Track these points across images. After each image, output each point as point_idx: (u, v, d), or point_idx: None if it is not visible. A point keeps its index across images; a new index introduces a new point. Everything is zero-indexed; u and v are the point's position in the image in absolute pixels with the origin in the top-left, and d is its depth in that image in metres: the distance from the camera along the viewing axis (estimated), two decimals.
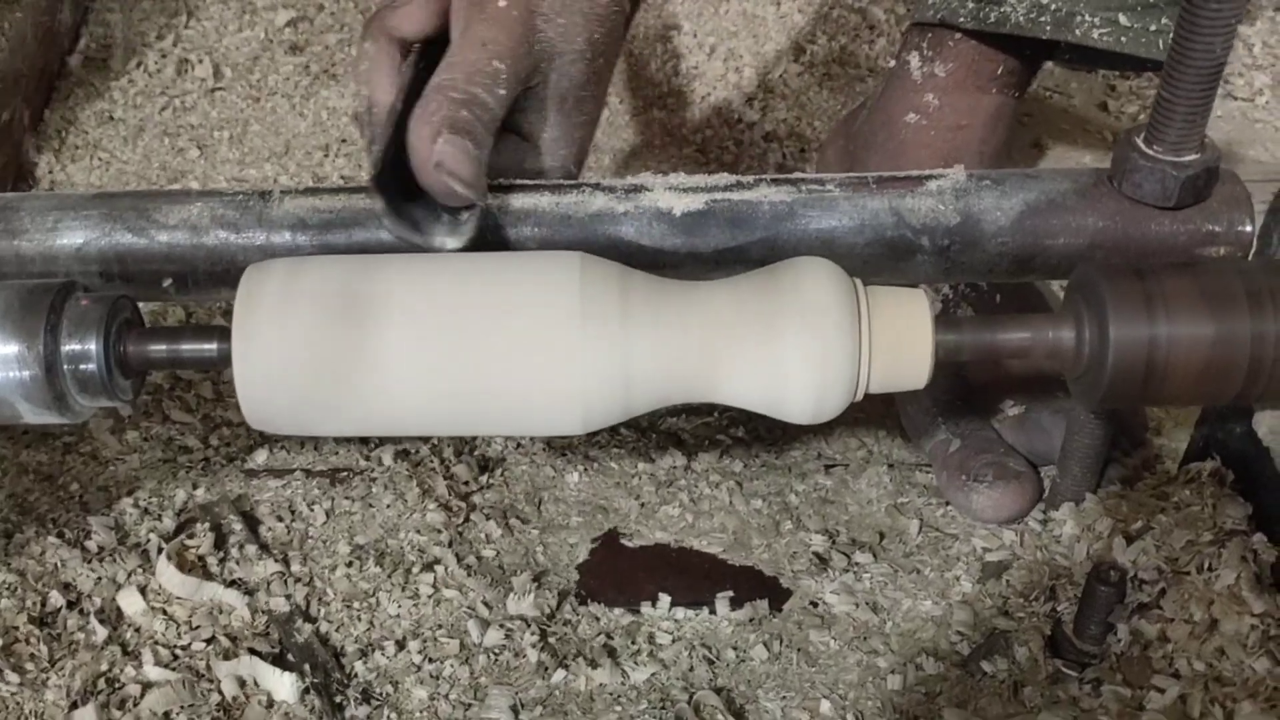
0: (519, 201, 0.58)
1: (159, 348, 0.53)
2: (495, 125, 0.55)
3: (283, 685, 0.61)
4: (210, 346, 0.53)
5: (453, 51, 0.55)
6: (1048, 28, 0.75)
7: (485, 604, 0.66)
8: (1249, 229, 0.56)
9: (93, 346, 0.52)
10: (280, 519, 0.71)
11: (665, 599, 0.67)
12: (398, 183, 0.54)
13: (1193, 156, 0.54)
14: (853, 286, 0.52)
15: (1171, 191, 0.54)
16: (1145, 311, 0.50)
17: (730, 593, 0.68)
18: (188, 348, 0.53)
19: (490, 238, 0.57)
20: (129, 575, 0.66)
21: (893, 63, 0.86)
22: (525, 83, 0.57)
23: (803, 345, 0.50)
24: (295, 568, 0.68)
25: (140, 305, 0.83)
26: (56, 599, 0.64)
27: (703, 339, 0.52)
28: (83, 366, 0.52)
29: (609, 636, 0.66)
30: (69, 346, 0.52)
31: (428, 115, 0.53)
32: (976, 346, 0.52)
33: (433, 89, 0.54)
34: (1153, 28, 0.73)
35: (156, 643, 0.63)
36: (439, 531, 0.70)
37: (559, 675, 0.63)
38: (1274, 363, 0.50)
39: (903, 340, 0.51)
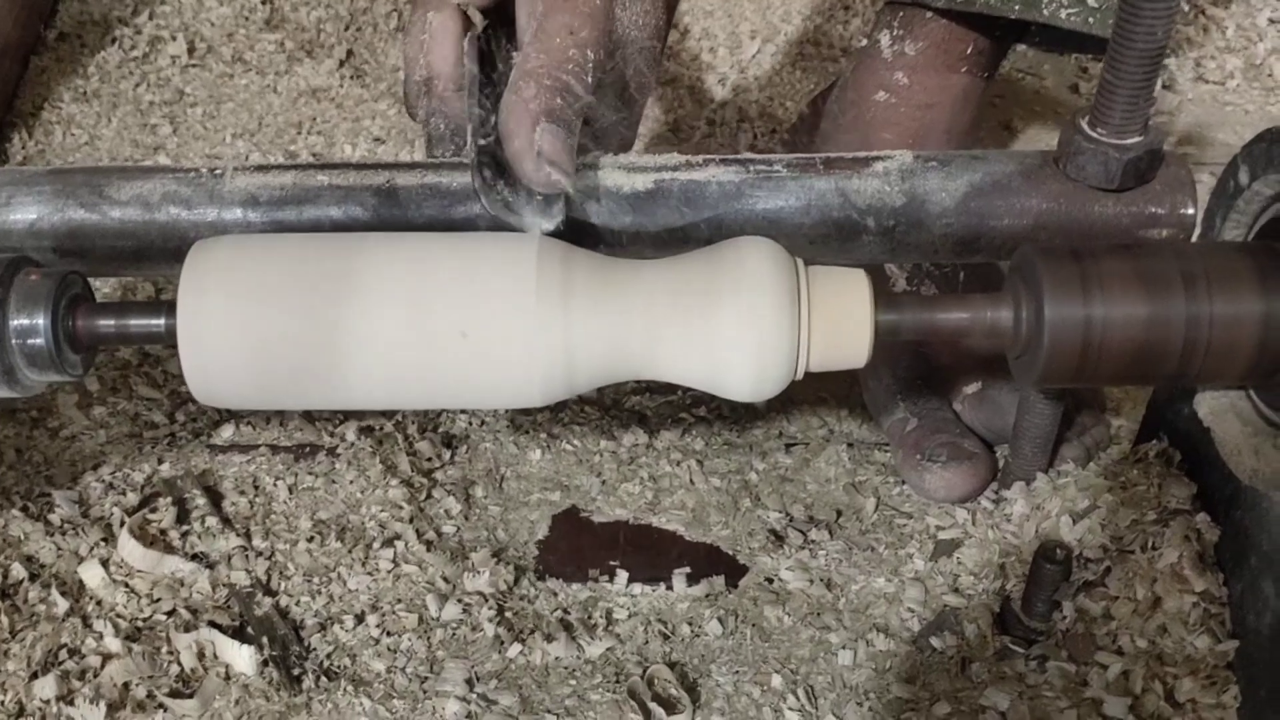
0: (467, 179, 0.58)
1: (107, 323, 0.54)
2: (583, 115, 0.55)
3: (241, 657, 0.62)
4: (158, 322, 0.53)
5: (539, 37, 0.55)
6: (1016, 7, 0.75)
7: (444, 579, 0.67)
8: (1191, 211, 0.56)
9: (41, 321, 0.52)
10: (243, 494, 0.72)
11: (623, 575, 0.68)
12: (492, 163, 0.54)
13: (1136, 139, 0.55)
14: (793, 265, 0.52)
15: (1114, 174, 0.55)
16: (1081, 292, 0.51)
17: (688, 569, 0.68)
18: (135, 323, 0.54)
19: (439, 215, 0.57)
20: (91, 549, 0.66)
21: (865, 41, 0.86)
22: (600, 72, 0.57)
23: (741, 323, 0.51)
24: (257, 542, 0.68)
25: (108, 279, 0.84)
26: (18, 571, 0.65)
27: (645, 316, 0.52)
28: (30, 341, 0.52)
29: (566, 611, 0.66)
30: (17, 321, 0.52)
31: (524, 102, 0.53)
32: (916, 326, 0.53)
33: (526, 74, 0.54)
34: None
35: (117, 615, 0.63)
36: (400, 507, 0.70)
37: (515, 649, 0.64)
38: (1208, 343, 0.51)
39: (842, 319, 0.52)
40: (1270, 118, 1.02)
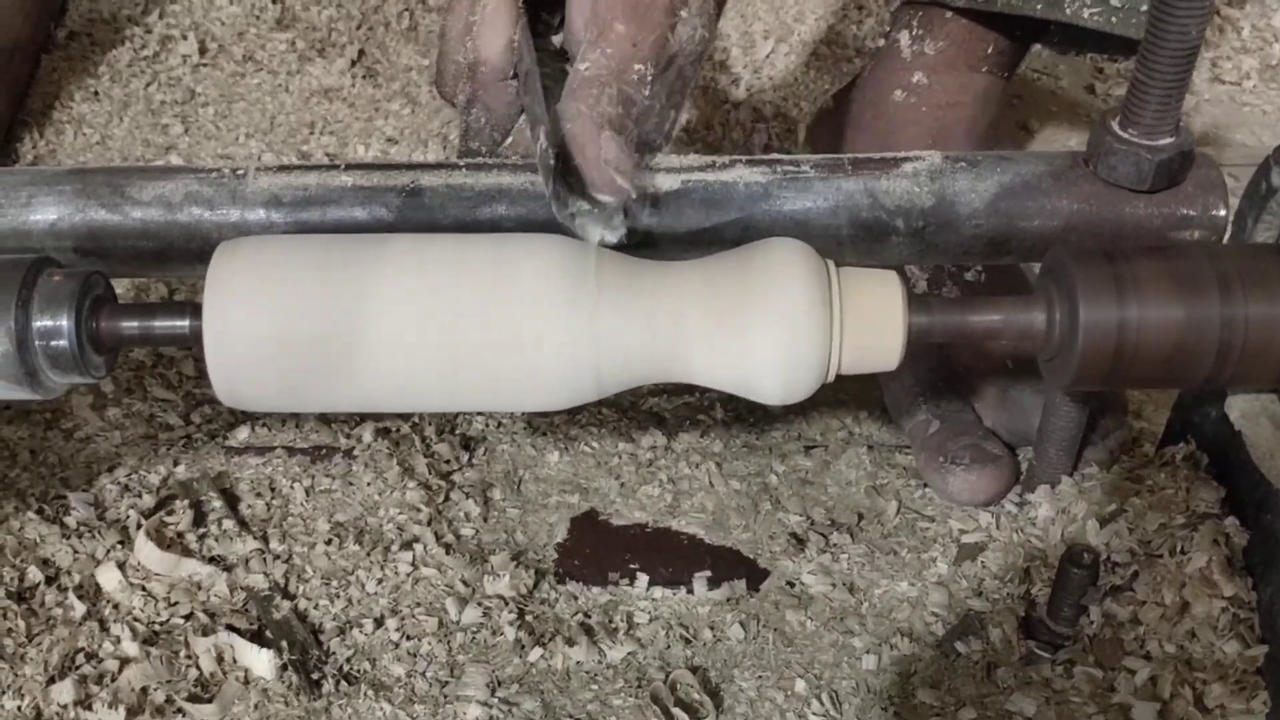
0: (494, 180, 0.57)
1: (131, 324, 0.53)
2: (638, 124, 0.54)
3: (260, 661, 0.61)
4: (183, 323, 0.53)
5: (601, 45, 0.54)
6: (1039, 6, 0.75)
7: (464, 582, 0.66)
8: (1223, 213, 0.56)
9: (64, 322, 0.52)
10: (260, 496, 0.71)
11: (643, 578, 0.68)
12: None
13: (1167, 140, 0.54)
14: (824, 267, 0.52)
15: (1146, 175, 0.54)
16: (1115, 295, 0.51)
17: (708, 573, 0.68)
18: (160, 324, 0.53)
19: (465, 216, 0.57)
20: (108, 551, 0.66)
21: (882, 42, 0.86)
22: (656, 83, 0.56)
23: (773, 326, 0.51)
24: (275, 545, 0.68)
25: (123, 280, 0.83)
26: (35, 574, 0.64)
27: (674, 319, 0.52)
28: (54, 342, 0.52)
29: (586, 615, 0.66)
30: (40, 322, 0.52)
31: (587, 109, 0.52)
32: (948, 328, 0.53)
33: (588, 82, 0.53)
34: (1142, 8, 0.73)
35: (135, 618, 0.63)
36: (418, 510, 0.70)
37: (536, 653, 0.63)
38: (1243, 346, 0.51)
39: (874, 322, 0.51)
40: None
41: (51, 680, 0.59)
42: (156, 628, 0.63)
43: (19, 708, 0.58)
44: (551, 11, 0.60)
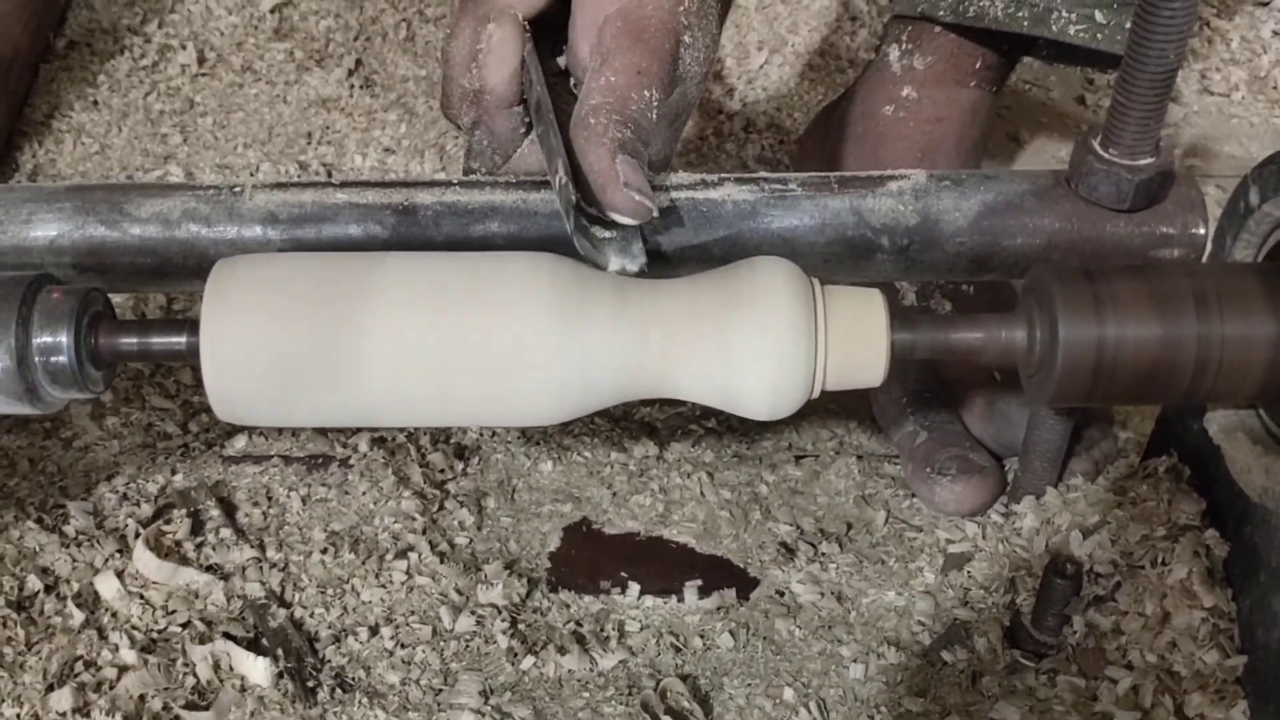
0: (487, 197, 0.58)
1: (129, 340, 0.54)
2: (646, 147, 0.55)
3: (257, 669, 0.62)
4: (180, 340, 0.54)
5: (606, 73, 0.55)
6: (1025, 23, 0.76)
7: (457, 591, 0.67)
8: (1202, 231, 0.57)
9: (64, 339, 0.53)
10: (257, 505, 0.72)
11: (635, 587, 0.69)
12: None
13: (1147, 160, 0.55)
14: (809, 285, 0.53)
15: (1126, 194, 0.55)
16: (1094, 313, 0.52)
17: (699, 581, 0.69)
18: (157, 340, 0.54)
19: (458, 233, 0.58)
20: (106, 560, 0.67)
21: (873, 55, 0.87)
22: (662, 107, 0.57)
23: (758, 343, 0.52)
24: (271, 554, 0.69)
25: (120, 294, 0.84)
26: (34, 583, 0.65)
27: (661, 336, 0.53)
28: (54, 359, 0.53)
29: (578, 624, 0.67)
30: (40, 339, 0.53)
31: (597, 135, 0.53)
32: (932, 345, 0.54)
33: (595, 108, 0.54)
34: (1128, 24, 0.74)
35: (133, 626, 0.64)
36: (413, 519, 0.71)
37: (528, 661, 0.64)
38: (1219, 363, 0.52)
39: (858, 339, 0.52)
40: (1275, 130, 1.02)
41: (50, 688, 0.60)
42: (154, 636, 0.64)
43: (18, 715, 0.59)
44: (555, 37, 0.61)
